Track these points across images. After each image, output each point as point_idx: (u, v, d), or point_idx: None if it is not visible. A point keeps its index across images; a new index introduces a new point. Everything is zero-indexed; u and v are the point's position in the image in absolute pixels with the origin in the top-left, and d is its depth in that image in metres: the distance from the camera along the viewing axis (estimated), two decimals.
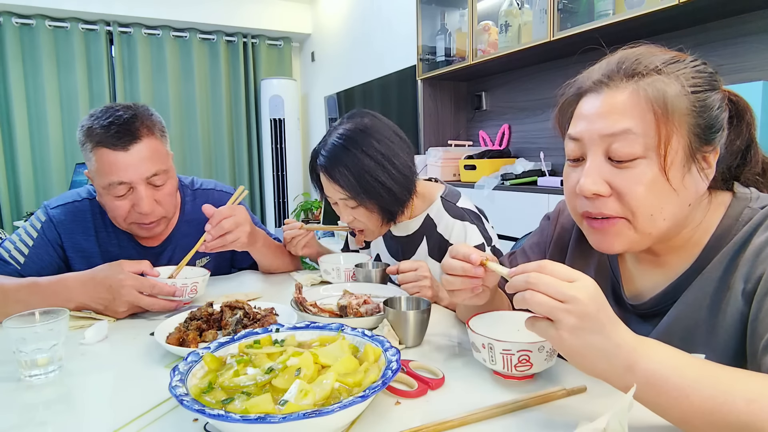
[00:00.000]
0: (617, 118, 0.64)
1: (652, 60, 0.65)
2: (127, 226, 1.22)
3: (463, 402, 0.65)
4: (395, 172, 1.14)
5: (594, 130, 0.66)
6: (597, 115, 0.66)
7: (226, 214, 1.14)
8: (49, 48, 4.20)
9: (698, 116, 0.63)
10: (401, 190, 1.16)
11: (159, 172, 1.17)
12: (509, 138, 2.74)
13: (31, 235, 1.23)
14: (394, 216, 1.21)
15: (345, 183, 1.13)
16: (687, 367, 0.52)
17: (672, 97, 0.62)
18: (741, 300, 0.63)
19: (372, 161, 1.12)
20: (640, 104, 0.63)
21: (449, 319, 1.02)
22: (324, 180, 1.20)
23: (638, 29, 1.83)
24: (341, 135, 1.16)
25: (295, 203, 4.91)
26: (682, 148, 0.63)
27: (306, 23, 5.09)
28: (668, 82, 0.63)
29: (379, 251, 1.42)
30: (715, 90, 0.65)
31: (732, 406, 0.49)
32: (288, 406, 0.53)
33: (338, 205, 1.22)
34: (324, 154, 1.17)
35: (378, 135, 1.15)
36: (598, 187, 0.65)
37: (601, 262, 0.82)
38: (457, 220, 1.22)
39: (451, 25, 2.87)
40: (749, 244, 0.64)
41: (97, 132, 1.12)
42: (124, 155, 1.12)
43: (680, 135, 0.63)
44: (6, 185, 4.17)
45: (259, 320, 0.90)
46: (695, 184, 0.65)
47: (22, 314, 0.80)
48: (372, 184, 1.12)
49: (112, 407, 0.68)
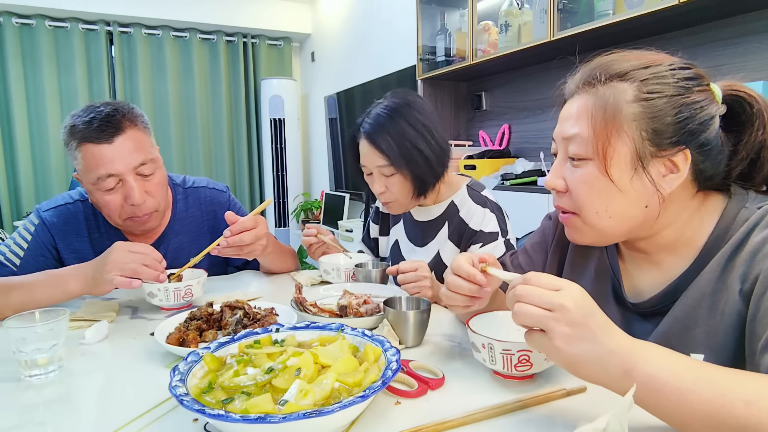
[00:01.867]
0: (572, 122, 0.70)
1: (620, 66, 0.68)
2: (122, 222, 1.21)
3: (463, 402, 0.65)
4: (434, 143, 1.21)
5: (559, 132, 0.73)
6: (561, 119, 0.73)
7: (249, 226, 1.09)
8: (49, 48, 4.20)
9: (651, 121, 0.65)
10: (437, 162, 1.22)
11: (146, 161, 1.17)
12: (509, 138, 2.74)
13: (26, 238, 1.23)
14: (425, 188, 1.23)
15: (387, 148, 1.18)
16: (684, 369, 0.52)
17: (615, 104, 0.66)
18: (739, 300, 0.63)
19: (414, 130, 1.19)
20: (587, 110, 0.69)
21: (449, 319, 1.02)
22: (365, 147, 1.23)
23: (638, 29, 1.82)
24: (386, 106, 1.22)
25: (295, 203, 4.91)
26: (629, 151, 0.66)
27: (306, 23, 5.09)
28: (623, 88, 0.66)
29: (398, 237, 1.43)
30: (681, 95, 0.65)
31: (731, 409, 0.49)
32: (288, 406, 0.53)
33: (372, 175, 1.25)
34: (369, 122, 1.22)
35: (420, 109, 1.22)
36: (555, 182, 0.73)
37: (601, 261, 0.83)
38: (479, 206, 1.26)
39: (451, 25, 2.87)
40: (746, 244, 0.64)
41: (80, 128, 1.12)
42: (109, 147, 1.12)
43: (624, 140, 0.66)
44: (6, 185, 4.17)
45: (259, 320, 0.90)
46: (648, 186, 0.67)
47: (22, 314, 0.80)
48: (411, 152, 1.18)
49: (112, 407, 0.68)
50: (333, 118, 4.58)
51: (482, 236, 1.22)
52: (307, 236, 1.35)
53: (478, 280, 0.72)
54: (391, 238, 1.47)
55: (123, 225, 1.23)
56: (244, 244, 1.09)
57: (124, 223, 1.22)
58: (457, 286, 0.74)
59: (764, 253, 0.62)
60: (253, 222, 1.11)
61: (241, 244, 1.09)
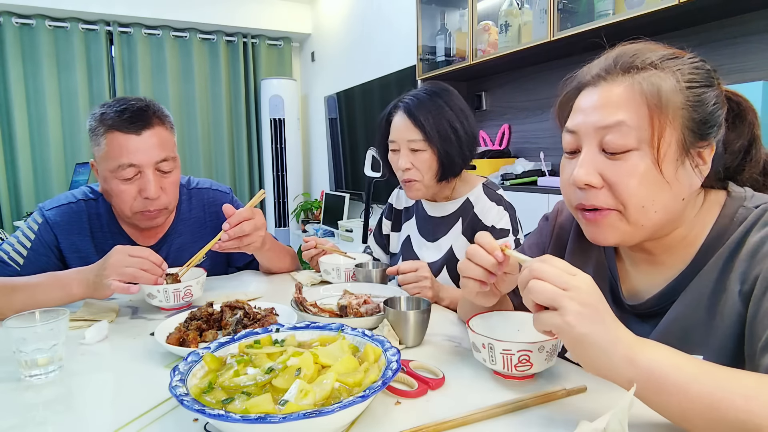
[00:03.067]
0: (612, 110, 0.65)
1: (649, 55, 0.66)
2: (132, 215, 1.22)
3: (463, 402, 0.65)
4: (468, 126, 1.27)
5: (589, 123, 0.67)
6: (593, 108, 0.67)
7: (246, 216, 1.12)
8: (49, 48, 4.20)
9: (693, 111, 0.64)
10: (468, 144, 1.27)
11: (168, 159, 1.21)
12: (509, 138, 2.74)
13: (29, 237, 1.24)
14: (449, 172, 1.26)
15: (425, 122, 1.23)
16: (686, 364, 0.53)
17: (666, 91, 0.63)
18: (738, 301, 0.63)
19: (451, 111, 1.26)
20: (634, 97, 0.64)
21: (449, 319, 1.02)
22: (400, 121, 1.26)
23: (638, 29, 1.80)
24: (426, 89, 1.29)
25: (295, 203, 4.91)
26: (676, 141, 0.64)
27: (306, 23, 5.09)
28: (664, 76, 0.64)
29: (410, 232, 1.44)
30: (711, 87, 0.65)
31: (730, 403, 0.49)
32: (288, 406, 0.53)
33: (399, 151, 1.27)
34: (409, 99, 1.27)
35: (457, 96, 1.31)
36: (590, 177, 0.66)
37: (599, 262, 0.82)
38: (494, 203, 1.28)
39: (451, 25, 2.87)
40: (744, 244, 0.64)
41: (111, 116, 1.16)
42: (136, 139, 1.16)
43: (674, 128, 0.63)
44: (6, 185, 4.17)
45: (259, 320, 0.90)
46: (689, 179, 0.66)
47: (23, 314, 0.80)
48: (447, 129, 1.24)
49: (112, 407, 0.68)
50: (333, 118, 4.58)
51: (494, 232, 1.23)
52: (306, 250, 1.37)
53: (497, 255, 0.72)
54: (402, 234, 1.47)
55: (131, 218, 1.24)
56: (244, 234, 1.12)
57: (133, 216, 1.23)
58: (478, 256, 0.73)
59: (763, 253, 0.61)
60: (250, 212, 1.14)
61: (242, 234, 1.11)
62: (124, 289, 0.98)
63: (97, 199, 1.30)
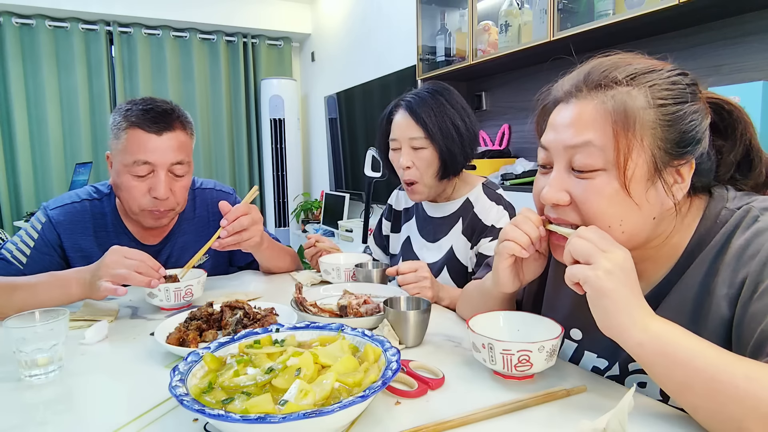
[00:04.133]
0: (580, 129, 0.65)
1: (622, 70, 0.65)
2: (139, 211, 1.23)
3: (463, 402, 0.65)
4: (469, 124, 1.28)
5: (560, 141, 0.67)
6: (563, 126, 0.67)
7: (243, 211, 1.15)
8: (49, 48, 4.20)
9: (666, 130, 0.62)
10: (469, 142, 1.27)
11: (183, 162, 1.23)
12: (509, 138, 2.74)
13: (32, 236, 1.24)
14: (449, 170, 1.26)
15: (427, 119, 1.23)
16: (695, 339, 0.56)
17: (634, 110, 0.62)
18: (723, 305, 0.62)
19: (453, 109, 1.26)
20: (601, 117, 0.63)
21: (449, 319, 1.02)
22: (402, 119, 1.27)
23: (638, 29, 1.82)
24: (427, 88, 1.30)
25: (295, 203, 4.91)
26: (645, 162, 0.63)
27: (306, 23, 5.09)
28: (635, 94, 0.63)
29: (410, 233, 1.44)
30: (688, 102, 0.63)
31: (732, 378, 0.51)
32: (288, 406, 0.53)
33: (401, 149, 1.27)
34: (410, 97, 1.28)
35: (458, 95, 1.32)
36: (558, 196, 0.68)
37: None
38: (494, 203, 1.28)
39: (451, 25, 2.87)
40: (728, 246, 0.63)
41: (135, 114, 1.18)
42: (156, 138, 1.18)
43: (642, 149, 0.62)
44: (6, 185, 4.17)
45: (259, 320, 0.90)
46: (660, 199, 0.64)
47: (23, 314, 0.80)
48: (449, 126, 1.24)
49: (112, 407, 0.68)
50: (333, 118, 4.58)
51: (493, 231, 1.23)
52: (308, 248, 1.40)
53: (541, 231, 0.73)
54: (402, 235, 1.47)
55: (137, 215, 1.25)
56: (243, 229, 1.14)
57: (139, 213, 1.24)
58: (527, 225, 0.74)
59: (748, 255, 0.61)
60: (246, 208, 1.16)
61: (241, 228, 1.14)
62: (112, 291, 0.98)
63: (102, 199, 1.31)
